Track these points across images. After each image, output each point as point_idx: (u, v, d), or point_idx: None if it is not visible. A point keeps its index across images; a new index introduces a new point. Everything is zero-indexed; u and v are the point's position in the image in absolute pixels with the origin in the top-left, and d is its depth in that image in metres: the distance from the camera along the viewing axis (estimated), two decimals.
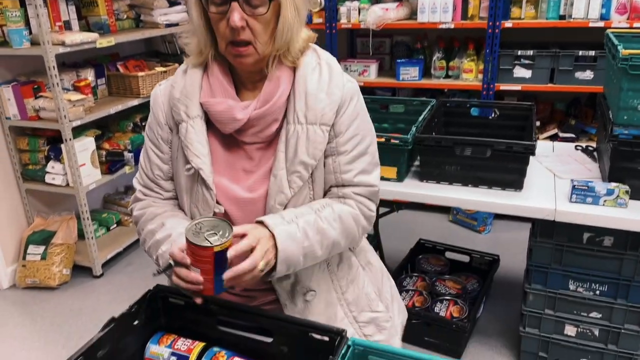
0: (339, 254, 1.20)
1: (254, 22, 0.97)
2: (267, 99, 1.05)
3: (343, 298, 1.19)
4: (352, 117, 1.08)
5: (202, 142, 1.07)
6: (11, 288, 2.96)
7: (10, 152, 2.90)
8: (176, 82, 1.11)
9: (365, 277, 1.25)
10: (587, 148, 2.27)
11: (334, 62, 1.10)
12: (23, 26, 2.60)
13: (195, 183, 1.09)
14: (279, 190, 1.05)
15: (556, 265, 1.93)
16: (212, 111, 1.06)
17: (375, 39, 3.58)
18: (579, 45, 3.05)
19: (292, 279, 1.13)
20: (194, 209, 1.11)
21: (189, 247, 0.91)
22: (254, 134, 1.07)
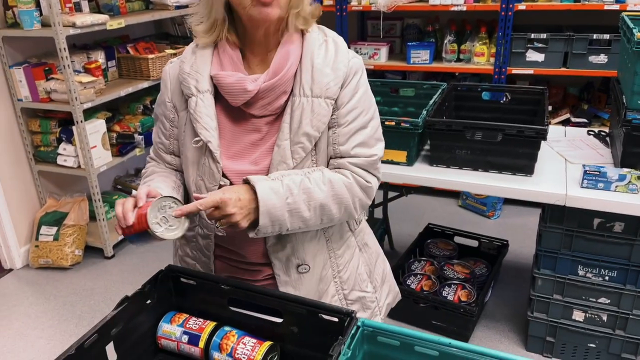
0: (340, 233, 1.22)
1: None
2: (277, 71, 1.07)
3: (338, 276, 1.23)
4: (354, 91, 1.11)
5: (210, 115, 1.10)
6: (24, 268, 3.01)
7: (22, 133, 2.93)
8: (186, 58, 1.14)
9: (361, 258, 1.29)
10: (599, 133, 2.25)
11: (339, 40, 1.14)
12: (34, 7, 2.60)
13: (203, 156, 1.12)
14: (282, 160, 1.08)
15: (565, 250, 1.93)
16: (223, 83, 1.09)
17: (386, 21, 3.54)
18: (593, 28, 3.00)
19: (288, 250, 1.15)
20: (199, 181, 1.13)
21: (147, 205, 1.00)
22: (262, 106, 1.10)
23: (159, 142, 1.23)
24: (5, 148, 2.87)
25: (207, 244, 1.19)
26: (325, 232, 1.19)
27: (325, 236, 1.19)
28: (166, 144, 1.21)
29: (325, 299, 1.22)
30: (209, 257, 1.21)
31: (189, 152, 1.14)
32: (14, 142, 2.91)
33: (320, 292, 1.21)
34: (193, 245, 1.23)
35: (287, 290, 1.17)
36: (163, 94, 1.20)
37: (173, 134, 1.19)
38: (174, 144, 1.21)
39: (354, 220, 1.26)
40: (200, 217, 1.17)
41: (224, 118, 1.13)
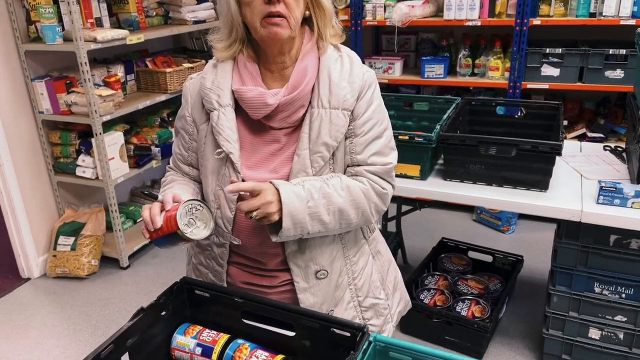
0: (355, 240, 1.26)
1: None
2: (296, 86, 1.12)
3: (353, 283, 1.26)
4: (369, 102, 1.17)
5: (232, 128, 1.15)
6: (42, 277, 3.06)
7: (42, 145, 3.00)
8: (207, 74, 1.19)
9: (374, 266, 1.33)
10: (615, 148, 2.23)
11: (353, 54, 1.19)
12: (56, 23, 2.68)
13: (223, 166, 1.16)
14: (302, 169, 1.12)
15: (581, 267, 1.91)
16: (244, 98, 1.13)
17: (400, 36, 3.57)
18: (610, 43, 2.99)
19: (307, 256, 1.18)
20: (219, 190, 1.17)
21: (177, 208, 1.04)
22: (282, 119, 1.14)
23: (179, 153, 1.28)
24: (26, 159, 2.93)
25: (221, 253, 1.22)
26: (342, 239, 1.23)
27: (342, 243, 1.23)
28: (185, 156, 1.27)
29: (341, 306, 1.25)
30: (222, 265, 1.23)
31: (209, 163, 1.18)
32: (34, 153, 2.98)
33: (337, 299, 1.24)
34: (207, 253, 1.26)
35: (305, 296, 1.19)
36: (184, 108, 1.24)
37: (192, 146, 1.24)
38: (192, 156, 1.25)
39: (367, 228, 1.30)
40: (217, 226, 1.20)
41: (244, 130, 1.18)
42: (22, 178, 2.92)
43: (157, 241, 1.09)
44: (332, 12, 1.15)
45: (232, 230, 1.18)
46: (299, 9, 1.09)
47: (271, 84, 1.16)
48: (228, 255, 1.22)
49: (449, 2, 3.10)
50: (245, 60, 1.16)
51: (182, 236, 1.04)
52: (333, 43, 1.17)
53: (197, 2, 3.48)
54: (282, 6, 1.05)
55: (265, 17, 1.06)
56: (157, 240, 1.08)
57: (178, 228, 1.03)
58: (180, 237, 1.05)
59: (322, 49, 1.15)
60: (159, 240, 1.08)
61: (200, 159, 1.22)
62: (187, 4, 3.39)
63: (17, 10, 2.73)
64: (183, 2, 3.36)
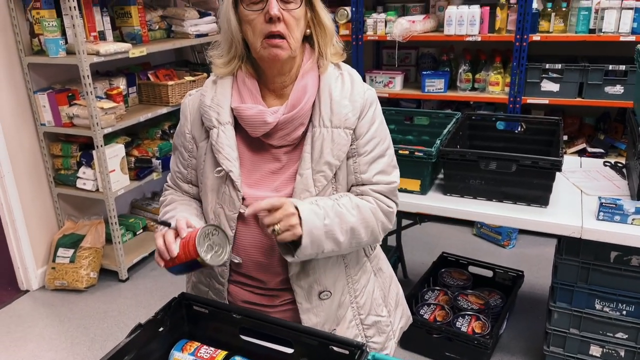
0: (356, 258, 1.25)
1: (288, 16, 1.07)
2: (295, 104, 1.12)
3: (355, 301, 1.25)
4: (372, 121, 1.17)
5: (232, 146, 1.14)
6: (40, 289, 3.05)
7: (44, 157, 3.00)
8: (206, 92, 1.19)
9: (376, 283, 1.32)
10: (615, 164, 2.23)
11: (354, 73, 1.20)
12: (59, 36, 2.70)
13: (223, 184, 1.15)
14: (305, 188, 1.12)
15: (582, 283, 1.90)
16: (243, 116, 1.13)
17: (401, 50, 3.59)
18: (609, 59, 3.01)
19: (310, 278, 1.16)
20: (219, 209, 1.16)
21: (193, 234, 1.02)
22: (281, 137, 1.14)
23: (177, 171, 1.27)
24: (27, 171, 2.94)
25: (222, 271, 1.21)
26: (345, 257, 1.22)
27: (344, 262, 1.22)
28: (184, 173, 1.26)
29: (343, 325, 1.24)
30: (223, 284, 1.22)
31: (209, 181, 1.17)
32: (35, 165, 2.98)
33: (339, 318, 1.23)
34: (207, 272, 1.25)
35: (308, 317, 1.18)
36: (182, 125, 1.24)
37: (191, 164, 1.23)
38: (191, 174, 1.24)
39: (369, 246, 1.29)
40: None
41: (243, 148, 1.17)
42: (22, 190, 2.92)
43: (173, 269, 1.07)
44: (333, 31, 1.16)
45: (232, 248, 1.17)
46: (300, 29, 1.10)
47: (270, 102, 1.16)
48: (229, 274, 1.21)
49: (450, 18, 3.13)
50: (244, 77, 1.15)
51: (202, 263, 1.02)
52: (334, 62, 1.18)
53: (200, 16, 3.51)
54: (282, 26, 1.06)
55: (265, 37, 1.07)
56: (173, 268, 1.06)
57: (198, 255, 1.01)
58: (198, 264, 1.03)
59: (323, 67, 1.15)
60: (175, 267, 1.06)
61: (200, 176, 1.21)
62: (190, 17, 3.42)
63: (20, 23, 2.76)
64: (186, 16, 3.39)
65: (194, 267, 1.05)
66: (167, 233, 1.06)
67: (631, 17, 2.81)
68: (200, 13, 3.53)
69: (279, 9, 1.05)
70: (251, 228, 1.15)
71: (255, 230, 1.15)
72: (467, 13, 3.09)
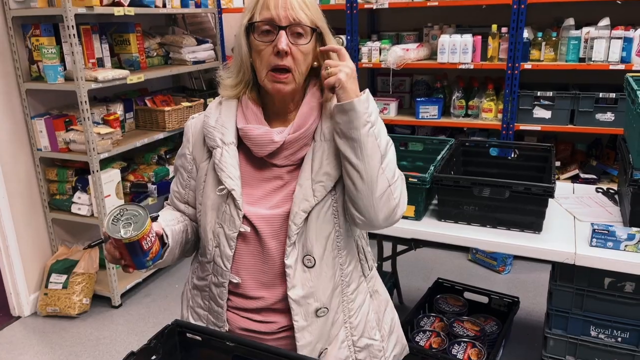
0: (353, 277, 1.25)
1: (297, 50, 1.10)
2: (301, 125, 1.15)
3: (349, 321, 1.24)
4: None
5: (235, 165, 1.16)
6: (32, 316, 3.01)
7: (39, 182, 3.00)
8: (210, 113, 1.22)
9: (371, 305, 1.31)
10: (608, 191, 2.25)
11: None
12: (58, 63, 2.73)
13: (224, 203, 1.16)
14: (304, 197, 1.13)
15: (577, 310, 1.90)
16: (250, 136, 1.16)
17: (395, 77, 3.65)
18: (600, 86, 3.06)
19: (307, 292, 1.16)
20: (218, 228, 1.17)
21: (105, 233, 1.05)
22: (286, 156, 1.17)
23: (176, 190, 1.29)
24: (22, 195, 2.93)
25: (220, 292, 1.20)
26: (342, 273, 1.22)
27: (342, 277, 1.22)
28: (182, 194, 1.28)
29: (335, 344, 1.22)
30: (222, 306, 1.21)
31: (209, 200, 1.19)
32: (30, 190, 2.98)
33: (331, 337, 1.22)
34: (205, 294, 1.25)
35: (302, 335, 1.17)
36: (184, 147, 1.26)
37: (189, 184, 1.26)
38: (189, 194, 1.26)
39: (367, 265, 1.30)
40: (215, 264, 1.19)
41: (245, 167, 1.20)
42: (16, 215, 2.91)
43: (136, 263, 1.08)
44: None
45: (230, 268, 1.18)
46: (307, 63, 1.14)
47: (274, 125, 1.20)
48: (227, 296, 1.21)
49: (443, 46, 3.19)
50: (249, 102, 1.19)
51: (128, 240, 1.02)
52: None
53: (197, 44, 3.57)
54: (289, 60, 1.10)
55: (272, 69, 1.11)
56: (135, 262, 1.08)
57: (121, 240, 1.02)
58: (134, 245, 1.04)
59: (326, 99, 1.19)
60: (135, 261, 1.07)
61: (199, 196, 1.22)
62: (188, 45, 3.47)
63: (20, 50, 2.79)
64: (184, 43, 3.45)
65: (135, 250, 1.05)
66: (106, 247, 1.09)
67: (620, 47, 2.87)
68: (197, 40, 3.59)
69: (288, 44, 1.09)
70: (251, 245, 1.17)
71: (255, 246, 1.17)
72: (460, 42, 3.15)
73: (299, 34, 1.10)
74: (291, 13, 1.09)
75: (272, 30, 1.10)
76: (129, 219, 1.05)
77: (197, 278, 1.28)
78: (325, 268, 1.18)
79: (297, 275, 1.15)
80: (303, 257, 1.16)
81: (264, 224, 1.16)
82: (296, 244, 1.15)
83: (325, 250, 1.17)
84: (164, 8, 3.23)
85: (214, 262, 1.19)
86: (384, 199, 1.13)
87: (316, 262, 1.16)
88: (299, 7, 1.09)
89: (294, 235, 1.14)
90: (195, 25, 4.02)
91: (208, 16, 4.06)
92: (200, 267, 1.26)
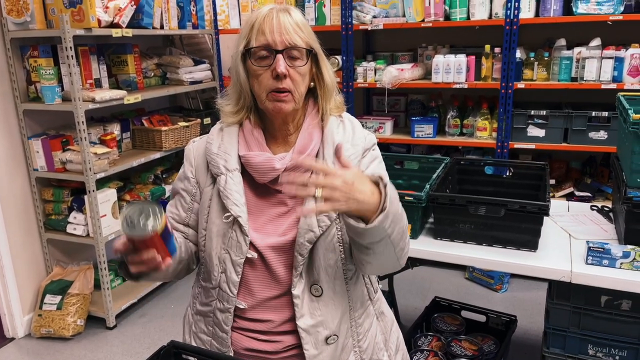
0: (361, 301, 1.25)
1: (294, 72, 1.13)
2: (302, 151, 1.17)
3: (358, 345, 1.24)
4: (371, 160, 1.24)
5: (240, 192, 1.17)
6: (26, 337, 2.97)
7: (35, 202, 3.00)
8: (212, 139, 1.23)
9: (378, 327, 1.31)
10: (602, 208, 2.26)
11: (354, 120, 1.27)
12: (56, 83, 2.75)
13: (230, 229, 1.17)
14: (309, 228, 1.13)
15: (574, 328, 1.89)
16: (252, 163, 1.17)
17: (390, 97, 3.68)
18: (593, 105, 3.10)
19: (317, 319, 1.16)
20: (224, 254, 1.17)
21: (133, 240, 1.01)
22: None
23: (176, 213, 1.28)
24: (17, 216, 2.92)
25: (225, 318, 1.20)
26: (349, 299, 1.22)
27: (349, 304, 1.22)
28: (182, 217, 1.27)
29: None
30: (226, 332, 1.20)
31: (215, 226, 1.19)
32: (26, 210, 2.97)
33: None
34: (209, 320, 1.24)
35: None
36: (186, 170, 1.27)
37: (192, 208, 1.26)
38: (191, 218, 1.26)
39: (372, 288, 1.31)
40: (221, 290, 1.19)
41: (250, 193, 1.20)
42: (12, 235, 2.90)
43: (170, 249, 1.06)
44: (333, 88, 1.22)
45: (237, 294, 1.18)
46: (304, 84, 1.16)
47: (275, 149, 1.21)
48: (232, 321, 1.20)
49: (437, 66, 3.23)
50: (251, 128, 1.20)
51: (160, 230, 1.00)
52: (334, 114, 1.23)
53: (194, 64, 3.61)
54: (288, 82, 1.12)
55: (271, 91, 1.12)
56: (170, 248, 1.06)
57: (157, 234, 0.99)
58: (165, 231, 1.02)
59: (325, 121, 1.21)
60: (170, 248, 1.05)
61: (204, 222, 1.22)
62: (185, 65, 3.51)
63: (17, 71, 2.81)
64: (181, 64, 3.48)
65: (168, 233, 1.05)
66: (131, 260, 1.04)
67: (611, 66, 2.91)
68: (195, 61, 3.63)
69: (286, 67, 1.11)
70: (257, 271, 1.17)
71: (262, 271, 1.17)
72: (454, 62, 3.19)
73: (295, 57, 1.12)
74: (286, 37, 1.11)
75: (269, 55, 1.12)
76: (139, 216, 1.00)
77: (200, 304, 1.27)
78: (333, 295, 1.18)
79: (305, 305, 1.15)
80: (310, 286, 1.16)
81: (271, 251, 1.17)
82: (303, 274, 1.15)
83: (331, 278, 1.18)
84: (161, 29, 3.27)
85: (219, 287, 1.19)
86: (397, 264, 1.17)
87: (324, 290, 1.17)
88: (294, 31, 1.12)
89: (300, 266, 1.14)
90: (193, 46, 4.06)
91: (205, 37, 4.11)
92: (204, 293, 1.25)
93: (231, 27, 3.77)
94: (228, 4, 3.73)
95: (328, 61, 1.22)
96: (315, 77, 1.20)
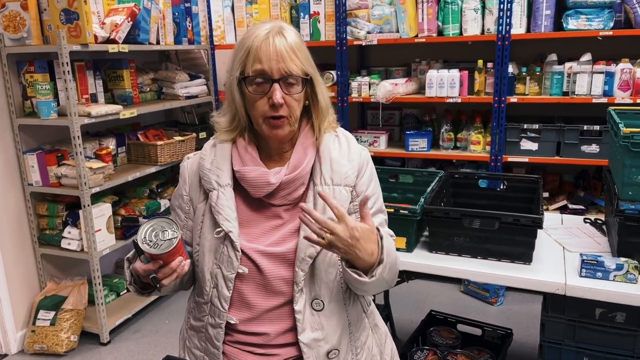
0: (357, 314, 1.27)
1: (290, 99, 1.15)
2: (297, 166, 1.18)
3: (356, 359, 1.25)
4: (370, 179, 1.26)
5: (231, 207, 1.18)
6: (19, 353, 2.94)
7: (29, 217, 2.99)
8: (205, 155, 1.24)
9: (373, 339, 1.33)
10: (595, 221, 2.28)
11: (349, 135, 1.28)
12: (52, 98, 2.76)
13: (222, 245, 1.17)
14: (309, 244, 1.13)
15: (569, 341, 1.89)
16: (247, 177, 1.18)
17: (385, 111, 3.71)
18: (585, 119, 3.13)
19: (319, 333, 1.17)
20: (216, 269, 1.18)
21: (160, 257, 1.07)
22: (283, 196, 1.19)
23: None
24: (11, 231, 2.91)
25: (216, 334, 1.20)
26: (348, 314, 1.23)
27: (348, 318, 1.24)
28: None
29: None
30: (218, 347, 1.20)
31: (207, 241, 1.20)
32: (20, 225, 2.96)
33: None
34: (201, 335, 1.24)
35: None
36: (181, 187, 1.28)
37: (187, 225, 1.26)
38: (186, 234, 1.27)
39: (366, 301, 1.32)
40: (213, 306, 1.19)
41: (243, 207, 1.21)
42: (5, 250, 2.88)
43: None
44: (327, 109, 1.23)
45: (228, 309, 1.18)
46: (300, 107, 1.18)
47: (270, 165, 1.22)
48: (224, 337, 1.20)
49: (430, 81, 3.27)
50: (245, 145, 1.21)
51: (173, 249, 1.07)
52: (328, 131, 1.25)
53: (190, 79, 3.63)
54: (284, 109, 1.13)
55: (268, 117, 1.14)
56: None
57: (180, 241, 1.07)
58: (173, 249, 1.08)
59: (319, 139, 1.23)
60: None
61: (197, 237, 1.23)
62: (181, 80, 3.53)
63: (13, 87, 2.82)
64: (176, 78, 3.50)
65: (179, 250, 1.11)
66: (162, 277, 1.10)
67: (602, 81, 2.95)
68: (190, 76, 3.65)
69: (282, 96, 1.12)
70: (253, 283, 1.17)
71: (258, 282, 1.17)
72: (447, 76, 3.23)
73: (291, 83, 1.14)
74: (282, 66, 1.11)
75: (265, 82, 1.13)
76: (158, 232, 1.08)
77: (193, 318, 1.28)
78: (333, 309, 1.19)
79: (307, 319, 1.16)
80: (312, 301, 1.17)
81: (265, 260, 1.17)
82: (304, 289, 1.16)
83: (332, 292, 1.19)
84: (157, 45, 3.29)
85: (211, 303, 1.19)
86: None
87: (325, 305, 1.18)
88: (289, 59, 1.12)
89: (301, 281, 1.15)
90: (188, 61, 4.09)
91: (201, 52, 4.14)
92: (197, 308, 1.26)
93: (227, 42, 3.81)
94: (224, 19, 3.77)
95: (322, 78, 1.23)
96: (310, 99, 1.21)
